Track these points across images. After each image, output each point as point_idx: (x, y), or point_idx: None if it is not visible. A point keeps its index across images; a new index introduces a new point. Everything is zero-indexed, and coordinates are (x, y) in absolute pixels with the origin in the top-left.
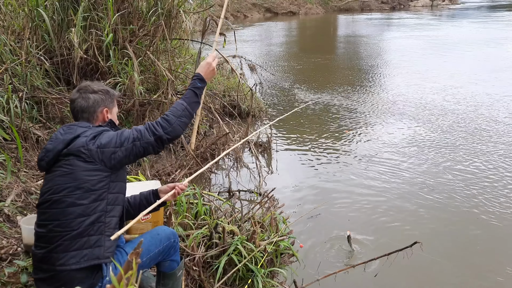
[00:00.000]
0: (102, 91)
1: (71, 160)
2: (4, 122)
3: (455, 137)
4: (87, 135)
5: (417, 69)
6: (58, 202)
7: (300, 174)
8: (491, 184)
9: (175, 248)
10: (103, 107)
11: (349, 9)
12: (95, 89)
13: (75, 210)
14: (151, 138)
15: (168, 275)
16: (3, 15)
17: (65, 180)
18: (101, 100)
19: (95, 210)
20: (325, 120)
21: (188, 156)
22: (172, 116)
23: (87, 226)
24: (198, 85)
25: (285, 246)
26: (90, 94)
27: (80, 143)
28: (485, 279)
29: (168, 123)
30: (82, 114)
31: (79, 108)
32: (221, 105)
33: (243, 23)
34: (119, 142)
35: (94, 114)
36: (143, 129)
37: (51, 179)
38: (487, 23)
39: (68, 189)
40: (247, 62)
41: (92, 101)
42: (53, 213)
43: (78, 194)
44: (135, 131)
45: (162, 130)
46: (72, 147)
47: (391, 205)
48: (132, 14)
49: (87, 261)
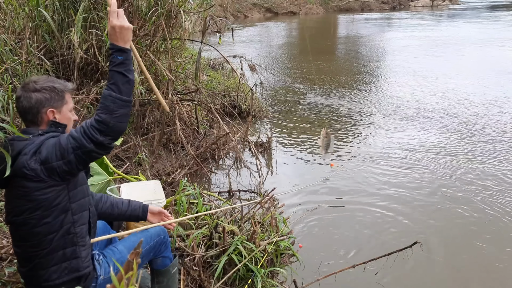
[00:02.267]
0: (47, 89)
1: (20, 181)
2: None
3: (461, 139)
4: (27, 152)
5: (418, 69)
6: (22, 224)
7: (300, 174)
8: (492, 185)
9: (165, 244)
10: (47, 108)
11: (350, 9)
12: (38, 87)
13: (41, 230)
14: (91, 146)
15: (161, 272)
16: (3, 15)
17: (21, 202)
18: (45, 100)
19: (61, 224)
20: (326, 120)
21: (188, 156)
22: (105, 115)
23: (58, 241)
24: (119, 58)
25: (285, 246)
26: (32, 93)
27: (21, 164)
28: (485, 279)
29: (103, 124)
30: (26, 116)
31: (21, 109)
32: (221, 105)
33: (243, 23)
34: (59, 154)
35: (37, 115)
36: (79, 136)
37: (10, 200)
38: (488, 23)
39: (28, 211)
40: (247, 62)
41: (34, 101)
42: (21, 235)
43: (38, 215)
44: (71, 139)
45: (99, 135)
46: (15, 168)
47: (391, 205)
48: (132, 14)
49: (68, 274)
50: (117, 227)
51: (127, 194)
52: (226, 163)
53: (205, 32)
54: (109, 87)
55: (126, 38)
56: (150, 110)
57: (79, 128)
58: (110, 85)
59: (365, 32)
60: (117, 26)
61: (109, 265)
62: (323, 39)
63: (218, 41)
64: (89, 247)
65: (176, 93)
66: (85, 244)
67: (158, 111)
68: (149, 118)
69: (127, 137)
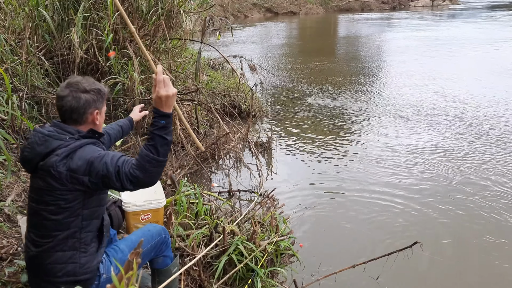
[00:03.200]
0: (94, 91)
1: (46, 176)
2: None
3: (464, 140)
4: (59, 153)
5: (418, 70)
6: (36, 214)
7: (300, 174)
8: (497, 187)
9: (166, 243)
10: (94, 109)
11: (350, 9)
12: (87, 88)
13: (49, 225)
14: (117, 185)
15: (162, 272)
16: (3, 14)
17: (42, 193)
18: (93, 101)
19: (69, 226)
20: (325, 121)
21: (188, 156)
22: (139, 173)
23: (60, 241)
24: (162, 123)
25: (285, 246)
26: (81, 93)
27: (50, 163)
28: (485, 279)
29: (136, 179)
30: (71, 115)
31: (68, 108)
32: (221, 105)
33: (244, 23)
34: (88, 172)
35: (84, 116)
36: (112, 173)
37: (34, 187)
38: (488, 23)
39: (44, 203)
40: (247, 62)
41: (83, 102)
42: (34, 222)
43: (51, 210)
44: (105, 168)
45: (129, 184)
46: (45, 164)
47: (392, 205)
48: (132, 14)
49: (62, 277)
50: (117, 227)
51: (127, 194)
52: (226, 163)
53: (205, 32)
54: (148, 148)
55: (170, 104)
56: (150, 110)
57: (115, 163)
58: (149, 146)
59: (365, 32)
60: (163, 96)
61: (111, 264)
62: (323, 39)
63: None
64: (92, 255)
65: None
66: (87, 251)
67: None
68: (149, 118)
69: (127, 137)
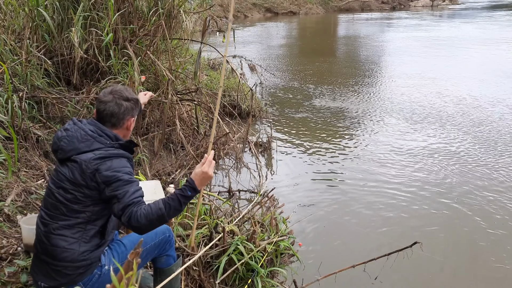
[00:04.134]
0: (134, 100)
1: (74, 168)
2: (4, 122)
3: (464, 141)
4: (96, 153)
5: (419, 70)
6: (53, 195)
7: (300, 174)
8: (501, 189)
9: (170, 243)
10: (130, 116)
11: (350, 9)
12: (129, 97)
13: (62, 207)
14: (118, 213)
15: (165, 271)
16: (3, 14)
17: (65, 180)
18: (131, 109)
19: (78, 216)
20: (325, 121)
21: (188, 156)
22: (144, 219)
23: (66, 226)
24: (188, 193)
25: (285, 246)
26: (123, 101)
27: (85, 158)
28: (485, 278)
29: (137, 222)
30: (111, 119)
31: (109, 112)
32: (221, 105)
33: (243, 23)
34: (108, 183)
35: (122, 121)
36: (123, 204)
37: (59, 173)
38: (488, 24)
39: (63, 189)
40: (247, 62)
41: (124, 109)
42: (48, 202)
43: (68, 197)
44: (123, 194)
45: (127, 222)
46: (79, 158)
47: (392, 205)
48: (132, 14)
49: (61, 261)
50: (118, 227)
51: None
52: (226, 163)
53: (205, 32)
54: (165, 206)
55: (204, 183)
56: (150, 110)
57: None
58: (166, 204)
59: (365, 32)
60: (207, 174)
61: (114, 256)
62: (323, 40)
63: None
64: (92, 247)
65: (176, 93)
66: (88, 243)
67: (158, 111)
68: (149, 118)
69: None
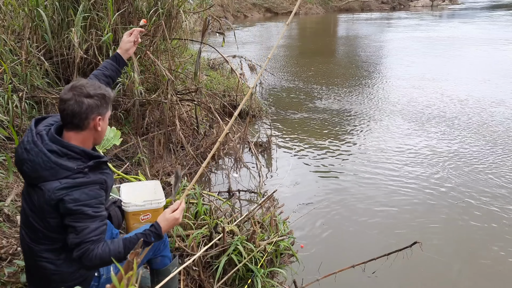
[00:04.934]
0: (98, 96)
1: (41, 195)
2: (4, 122)
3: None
4: (62, 181)
5: (419, 71)
6: (27, 218)
7: (299, 174)
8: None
9: (164, 243)
10: (96, 115)
11: (349, 9)
12: (91, 93)
13: (38, 233)
14: (71, 245)
15: (161, 272)
16: (3, 15)
17: (33, 204)
18: (96, 107)
19: (56, 242)
20: (325, 121)
21: (188, 156)
22: (97, 260)
23: (49, 250)
24: (152, 239)
25: (285, 246)
26: (85, 98)
27: (50, 187)
28: (486, 277)
29: (89, 261)
30: (72, 120)
31: (69, 112)
32: (221, 105)
33: (243, 23)
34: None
35: (85, 121)
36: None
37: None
38: (488, 23)
39: (35, 213)
40: (247, 62)
41: (86, 107)
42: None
43: (40, 224)
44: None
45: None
46: (45, 186)
47: (392, 205)
48: (132, 14)
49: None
50: (117, 227)
51: (126, 194)
52: (226, 163)
53: (205, 32)
54: (125, 248)
55: (169, 229)
56: (150, 110)
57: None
58: (128, 247)
59: (364, 32)
60: (177, 221)
61: None
62: (323, 40)
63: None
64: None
65: (176, 93)
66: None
67: (158, 111)
68: (149, 118)
69: (127, 137)
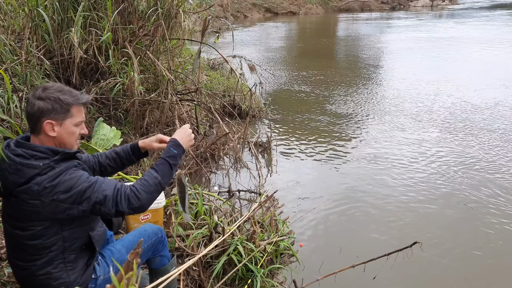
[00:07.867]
0: (51, 99)
1: (22, 203)
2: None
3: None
4: (39, 182)
5: (419, 71)
6: (12, 237)
7: (299, 174)
8: (499, 190)
9: (163, 243)
10: (46, 119)
11: (349, 9)
12: (43, 95)
13: (28, 249)
14: (112, 210)
15: (160, 272)
16: (3, 15)
17: (17, 218)
18: (46, 110)
19: (49, 249)
20: (325, 121)
21: (188, 156)
22: (143, 193)
23: (44, 264)
24: (174, 152)
25: (285, 246)
26: (36, 100)
27: (31, 192)
28: (485, 279)
29: (137, 200)
30: (29, 122)
31: (26, 114)
32: (221, 105)
33: (243, 23)
34: (78, 199)
35: (37, 124)
36: (109, 198)
37: (6, 211)
38: (488, 23)
39: (19, 228)
40: (247, 62)
41: (35, 109)
42: (13, 245)
43: (27, 235)
44: (101, 194)
45: (127, 206)
46: (24, 192)
47: (392, 205)
48: (132, 14)
49: None
50: (117, 227)
51: None
52: (226, 163)
53: (205, 32)
54: (157, 171)
55: (187, 141)
56: (150, 110)
57: (114, 187)
58: (158, 169)
59: (364, 32)
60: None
61: (108, 265)
62: (323, 40)
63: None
64: (82, 269)
65: (175, 93)
66: (75, 268)
67: (158, 111)
68: (149, 118)
69: (127, 137)
